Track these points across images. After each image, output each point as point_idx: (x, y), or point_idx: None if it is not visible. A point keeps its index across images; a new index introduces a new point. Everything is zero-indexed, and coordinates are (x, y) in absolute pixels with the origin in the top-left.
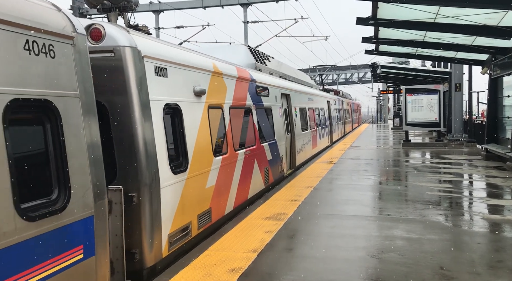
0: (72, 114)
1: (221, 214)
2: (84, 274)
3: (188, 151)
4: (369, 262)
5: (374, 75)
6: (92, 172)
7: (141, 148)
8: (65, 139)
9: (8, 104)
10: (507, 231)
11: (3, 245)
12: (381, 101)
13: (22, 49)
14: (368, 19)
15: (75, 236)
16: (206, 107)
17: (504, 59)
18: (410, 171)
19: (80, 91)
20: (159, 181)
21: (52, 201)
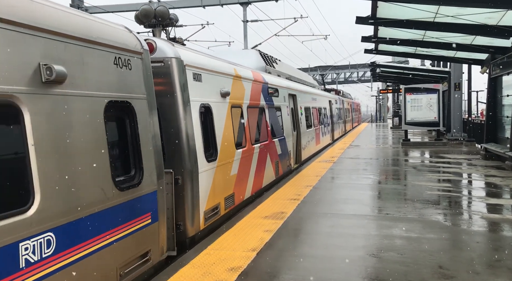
0: (142, 112)
1: (241, 199)
2: (151, 234)
3: (217, 143)
4: (368, 261)
5: (373, 74)
6: (155, 157)
7: (184, 140)
8: (138, 131)
9: (106, 104)
10: (506, 230)
11: (107, 206)
12: (381, 100)
13: (112, 64)
14: (367, 18)
15: (146, 205)
16: (229, 106)
17: (504, 58)
18: (409, 170)
19: (146, 94)
20: (197, 167)
21: (131, 177)
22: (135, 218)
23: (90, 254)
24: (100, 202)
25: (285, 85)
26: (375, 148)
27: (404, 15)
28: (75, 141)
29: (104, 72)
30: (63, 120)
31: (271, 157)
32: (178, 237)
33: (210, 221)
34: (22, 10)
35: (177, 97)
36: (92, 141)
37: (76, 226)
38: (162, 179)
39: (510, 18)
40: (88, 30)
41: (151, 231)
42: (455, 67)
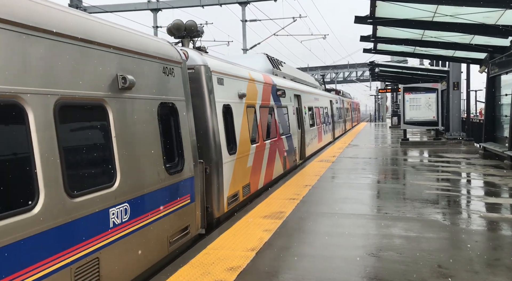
0: (182, 112)
1: (255, 189)
2: (190, 212)
3: (236, 138)
4: (368, 260)
5: (372, 73)
6: (192, 149)
7: (211, 135)
8: (180, 127)
9: (159, 105)
10: (504, 230)
11: (161, 186)
12: (379, 99)
13: (161, 72)
14: (366, 17)
15: (186, 188)
16: (245, 106)
17: (502, 57)
18: (408, 170)
19: (185, 97)
20: (222, 159)
21: (176, 164)
22: (179, 197)
23: (151, 223)
24: (156, 182)
25: (291, 86)
26: (374, 148)
27: (402, 15)
28: (140, 133)
29: (156, 79)
30: (132, 118)
31: (279, 153)
32: (207, 218)
33: (232, 205)
34: (108, 34)
35: (205, 98)
36: (150, 134)
37: (142, 200)
38: (197, 167)
39: (508, 17)
40: (146, 46)
41: (190, 209)
42: (453, 66)
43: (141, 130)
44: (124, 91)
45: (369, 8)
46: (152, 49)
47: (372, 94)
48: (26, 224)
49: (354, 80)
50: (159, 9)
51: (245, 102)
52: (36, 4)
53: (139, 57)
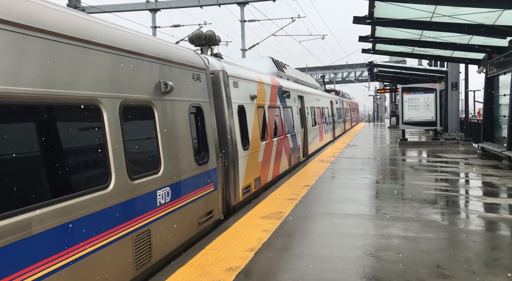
0: (207, 112)
1: (265, 182)
2: (214, 199)
3: (248, 135)
4: (366, 260)
5: (371, 74)
6: (214, 144)
7: (228, 132)
8: (205, 125)
9: (190, 106)
10: (503, 230)
11: (192, 175)
12: (378, 100)
13: (191, 78)
14: (365, 18)
15: (210, 177)
16: (256, 107)
17: (500, 58)
18: (407, 170)
19: (208, 99)
20: (237, 153)
21: (202, 157)
22: (205, 185)
23: (185, 205)
24: (189, 171)
25: (295, 88)
26: (372, 148)
27: (401, 15)
28: (177, 130)
29: (188, 84)
30: (171, 117)
31: (285, 150)
32: (225, 205)
33: (246, 195)
34: (153, 48)
35: (224, 100)
36: (184, 131)
37: (179, 186)
38: (218, 160)
39: (507, 17)
40: (180, 56)
41: (213, 196)
42: (452, 66)
43: (177, 127)
44: (165, 95)
45: (368, 8)
46: (184, 58)
47: (370, 95)
48: (104, 199)
49: (353, 80)
50: (157, 9)
51: (256, 103)
52: (114, 30)
53: (175, 66)
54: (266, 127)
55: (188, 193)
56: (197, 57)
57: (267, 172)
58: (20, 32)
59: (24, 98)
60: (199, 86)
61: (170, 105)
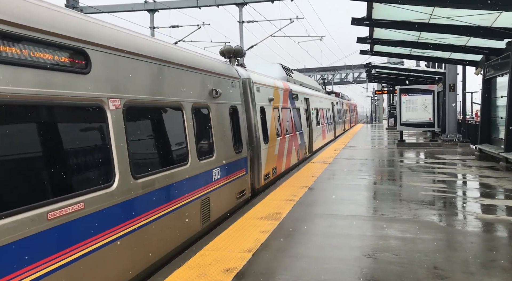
0: (240, 112)
1: (279, 171)
2: (245, 180)
3: (267, 132)
4: (364, 261)
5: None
6: (245, 137)
7: (254, 129)
8: (239, 122)
9: (230, 107)
10: (500, 231)
11: (232, 160)
12: (376, 101)
13: (230, 85)
14: (363, 19)
15: (243, 164)
16: (272, 108)
17: (498, 60)
18: (405, 171)
19: (241, 101)
20: (260, 146)
21: (238, 147)
22: (240, 169)
23: (229, 182)
24: (231, 157)
25: (301, 91)
26: (370, 149)
27: (399, 17)
28: (223, 125)
29: (228, 90)
30: (219, 115)
31: (294, 145)
32: (252, 188)
33: (266, 181)
34: (207, 64)
35: (250, 102)
36: (227, 126)
37: (225, 167)
38: (248, 150)
39: (504, 19)
40: (223, 69)
41: (245, 179)
42: (449, 68)
43: (223, 123)
44: (216, 99)
45: (366, 10)
46: (226, 70)
47: (368, 96)
48: (184, 172)
49: (351, 81)
50: (156, 10)
51: (272, 104)
52: (187, 54)
53: (221, 77)
54: (280, 125)
55: (230, 174)
56: (233, 69)
57: (281, 163)
58: (160, 64)
59: (149, 102)
60: (234, 91)
61: (219, 106)
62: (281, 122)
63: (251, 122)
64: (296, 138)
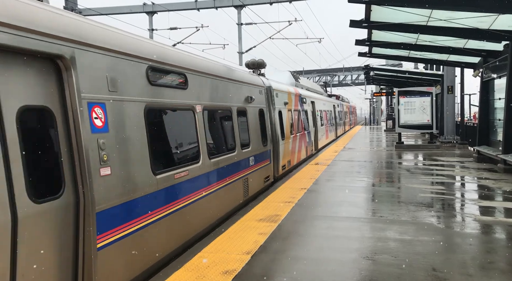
0: (266, 113)
1: (292, 164)
2: (269, 168)
3: (284, 130)
4: (363, 263)
5: (367, 77)
6: (269, 133)
7: (274, 127)
8: (265, 122)
9: (258, 110)
10: (498, 233)
11: (261, 151)
12: (374, 103)
13: (258, 93)
14: (361, 21)
15: (268, 155)
16: (287, 110)
17: (496, 62)
18: (403, 173)
19: (265, 105)
20: (279, 141)
21: (264, 141)
22: (266, 159)
23: (259, 168)
24: (260, 149)
25: (308, 95)
26: (369, 151)
27: (397, 19)
28: (255, 124)
29: (257, 96)
30: (252, 116)
31: (304, 143)
32: (273, 175)
33: (283, 171)
34: (243, 76)
35: (271, 106)
36: (257, 124)
37: (256, 156)
38: (271, 144)
39: (501, 22)
40: (254, 80)
41: (269, 167)
42: (448, 70)
43: (255, 122)
44: (250, 103)
45: (364, 12)
46: (255, 81)
47: (367, 98)
48: (235, 156)
49: (349, 83)
50: (154, 12)
51: (287, 107)
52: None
53: (253, 86)
54: (293, 125)
55: (260, 162)
56: (260, 79)
57: (294, 157)
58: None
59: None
60: (261, 97)
61: (252, 109)
62: (293, 122)
63: (272, 122)
64: (305, 137)
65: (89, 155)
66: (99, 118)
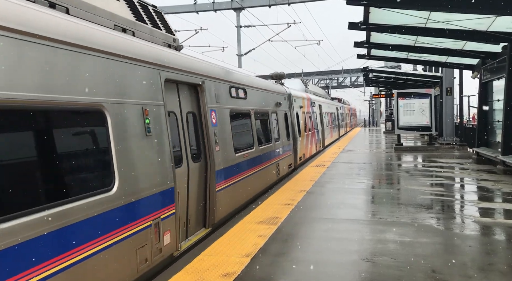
0: (288, 115)
1: (306, 157)
2: (291, 158)
3: (300, 129)
4: (362, 265)
5: (366, 79)
6: (291, 130)
7: (294, 126)
8: (288, 122)
9: (284, 112)
10: (497, 234)
11: (286, 144)
12: (373, 105)
13: (283, 99)
14: (359, 23)
15: (290, 148)
16: (302, 112)
17: (494, 63)
18: (402, 175)
19: (288, 108)
20: (297, 138)
21: (288, 136)
22: (289, 151)
23: (285, 157)
24: (285, 142)
25: (316, 99)
26: (368, 153)
27: (396, 21)
28: (282, 123)
29: (283, 101)
30: (280, 117)
31: (314, 140)
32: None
33: (300, 161)
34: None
35: (291, 110)
36: (283, 123)
37: (284, 147)
38: (292, 139)
39: (499, 23)
40: (280, 89)
41: (291, 157)
42: (446, 72)
43: (282, 122)
44: (278, 107)
45: (363, 14)
46: (281, 90)
47: (366, 99)
48: (271, 147)
49: (348, 85)
50: None
51: (302, 110)
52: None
53: (280, 94)
54: (306, 125)
55: (285, 152)
56: (284, 89)
57: (307, 151)
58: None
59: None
60: (285, 102)
61: (280, 112)
62: (306, 123)
63: (293, 122)
64: (315, 135)
65: (211, 139)
66: (214, 118)
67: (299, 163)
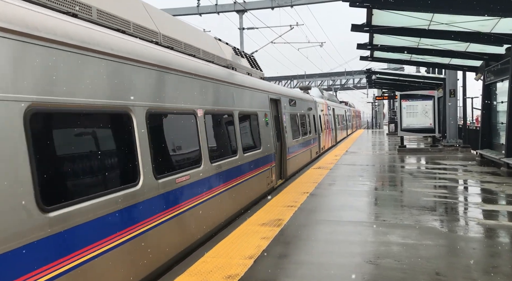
0: (316, 116)
1: (325, 149)
2: (316, 147)
3: (321, 126)
4: (365, 268)
5: (369, 81)
6: (317, 127)
7: (318, 124)
8: (315, 121)
9: (313, 115)
10: (502, 237)
11: (312, 138)
12: (377, 107)
13: (311, 104)
14: (362, 25)
15: (316, 140)
16: (323, 115)
17: (497, 65)
18: (406, 177)
19: (315, 111)
20: (320, 133)
21: (315, 131)
22: (315, 143)
23: (314, 146)
24: (314, 136)
25: (331, 103)
26: (371, 155)
27: (399, 23)
28: (312, 122)
29: (312, 107)
30: (311, 118)
31: (329, 136)
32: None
33: (321, 151)
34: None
35: (317, 112)
36: (313, 122)
37: (314, 139)
38: (317, 134)
39: (503, 25)
40: (309, 97)
41: (316, 146)
42: (450, 73)
43: (312, 121)
44: (309, 111)
45: (366, 16)
46: (310, 98)
47: (369, 101)
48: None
49: (351, 87)
50: None
51: (322, 113)
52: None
53: (310, 101)
54: (324, 124)
55: (314, 142)
56: (312, 97)
57: (326, 144)
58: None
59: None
60: (313, 107)
61: (310, 114)
62: (325, 122)
63: (317, 122)
64: (330, 132)
65: (284, 130)
66: (285, 119)
67: (320, 152)
